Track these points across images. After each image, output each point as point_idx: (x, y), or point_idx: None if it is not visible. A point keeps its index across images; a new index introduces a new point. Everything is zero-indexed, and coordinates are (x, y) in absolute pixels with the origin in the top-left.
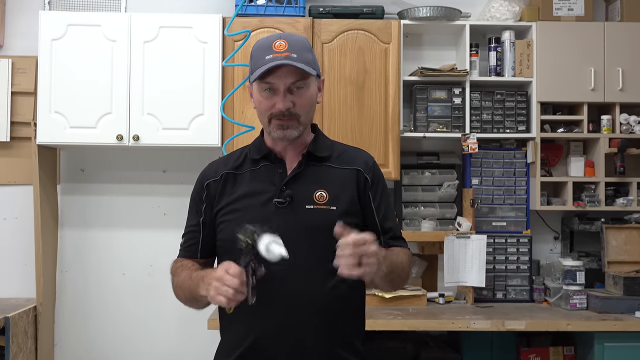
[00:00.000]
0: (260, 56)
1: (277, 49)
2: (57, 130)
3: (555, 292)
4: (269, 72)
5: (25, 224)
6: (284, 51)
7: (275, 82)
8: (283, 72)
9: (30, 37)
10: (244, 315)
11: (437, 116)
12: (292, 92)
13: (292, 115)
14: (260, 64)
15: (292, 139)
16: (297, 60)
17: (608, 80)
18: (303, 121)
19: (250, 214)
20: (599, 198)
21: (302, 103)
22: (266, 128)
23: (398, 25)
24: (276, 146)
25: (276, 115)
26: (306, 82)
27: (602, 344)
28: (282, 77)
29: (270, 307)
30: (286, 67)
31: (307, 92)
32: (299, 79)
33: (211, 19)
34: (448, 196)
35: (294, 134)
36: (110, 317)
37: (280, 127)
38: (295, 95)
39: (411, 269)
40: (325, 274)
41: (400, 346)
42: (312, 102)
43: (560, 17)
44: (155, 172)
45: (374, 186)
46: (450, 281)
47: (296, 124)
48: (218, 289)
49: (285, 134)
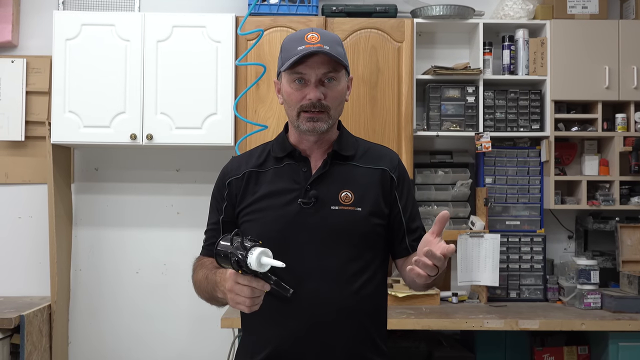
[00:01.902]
0: (292, 47)
1: (310, 41)
2: (71, 129)
3: (569, 291)
4: (301, 62)
5: (39, 222)
6: (317, 42)
7: (307, 72)
8: (315, 62)
9: (44, 37)
10: (268, 317)
11: (451, 115)
12: (323, 84)
13: (323, 107)
14: (292, 54)
15: (321, 132)
16: (331, 51)
17: (623, 78)
18: (333, 115)
19: (274, 214)
20: (614, 197)
21: (333, 96)
22: (294, 122)
23: (411, 24)
24: (300, 144)
25: (306, 107)
26: (338, 75)
27: (617, 343)
28: (314, 67)
29: (295, 308)
30: (319, 57)
31: (339, 86)
32: (330, 70)
33: (224, 18)
34: (461, 195)
35: (323, 127)
36: (123, 315)
37: (310, 120)
38: (327, 87)
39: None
40: (350, 275)
41: (414, 345)
42: (342, 97)
43: (575, 15)
44: (168, 171)
45: (400, 185)
46: (463, 280)
47: (326, 117)
48: (233, 300)
49: (315, 127)
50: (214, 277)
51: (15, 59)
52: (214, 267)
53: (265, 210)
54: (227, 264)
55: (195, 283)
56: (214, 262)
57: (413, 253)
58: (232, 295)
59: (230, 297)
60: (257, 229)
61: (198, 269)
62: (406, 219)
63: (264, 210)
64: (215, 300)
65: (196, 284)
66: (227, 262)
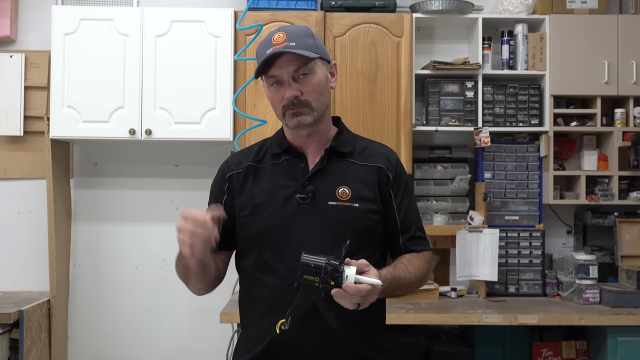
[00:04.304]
0: (262, 52)
1: (276, 42)
2: (70, 124)
3: (568, 286)
4: (270, 65)
5: (38, 218)
6: (282, 42)
7: (278, 73)
8: (283, 61)
9: (43, 31)
10: (265, 311)
11: (450, 110)
12: (297, 80)
13: (302, 102)
14: (261, 59)
15: (308, 125)
16: (296, 47)
17: (622, 73)
18: (316, 106)
19: (272, 209)
20: (612, 192)
21: (309, 89)
22: (283, 121)
23: (410, 19)
24: (295, 140)
25: (287, 105)
26: (309, 68)
27: (615, 338)
28: (283, 67)
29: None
30: (286, 56)
31: (314, 78)
32: (300, 65)
33: (223, 13)
34: (460, 190)
35: (308, 119)
36: (122, 310)
37: (294, 115)
38: (301, 82)
39: (427, 273)
40: None
41: (413, 340)
42: (321, 87)
43: (574, 9)
44: (167, 166)
45: (396, 184)
46: (462, 275)
47: (308, 110)
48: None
49: (300, 121)
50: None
51: (14, 53)
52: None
53: (264, 205)
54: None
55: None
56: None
57: (406, 253)
58: (180, 235)
59: (179, 237)
60: (255, 224)
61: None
62: (400, 219)
63: (262, 205)
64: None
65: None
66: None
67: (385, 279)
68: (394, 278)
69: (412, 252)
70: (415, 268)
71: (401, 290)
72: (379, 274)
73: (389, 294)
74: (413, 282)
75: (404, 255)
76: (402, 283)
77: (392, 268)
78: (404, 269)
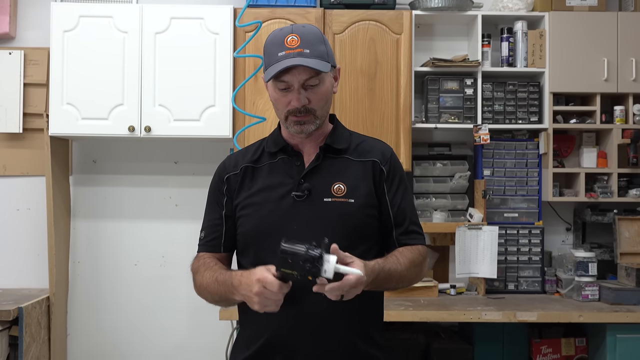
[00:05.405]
0: (274, 52)
1: (290, 45)
2: (69, 121)
3: (567, 283)
4: (283, 71)
5: (38, 215)
6: (297, 47)
7: (289, 79)
8: (297, 69)
9: (42, 28)
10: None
11: (449, 107)
12: (306, 88)
13: (308, 111)
14: (273, 60)
15: (310, 133)
16: (310, 55)
17: (621, 70)
18: (319, 115)
19: (268, 208)
20: (612, 189)
21: (317, 99)
22: (283, 123)
23: (410, 16)
24: (292, 139)
25: (292, 112)
26: (320, 78)
27: (614, 335)
28: (295, 75)
29: (288, 299)
30: (300, 65)
31: (322, 87)
32: (312, 75)
33: (222, 10)
34: (460, 187)
35: (311, 128)
36: (122, 307)
37: (298, 123)
38: (310, 91)
39: (422, 267)
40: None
41: (412, 337)
42: (327, 96)
43: (573, 7)
44: (166, 164)
45: (390, 178)
46: (461, 272)
47: (313, 119)
48: (260, 303)
49: (302, 129)
50: (229, 279)
51: (13, 50)
52: (220, 268)
53: (261, 204)
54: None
55: (202, 285)
56: (216, 262)
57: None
58: (259, 299)
59: (258, 300)
60: (252, 222)
61: (203, 270)
62: (394, 212)
63: (259, 204)
64: (227, 302)
65: (203, 286)
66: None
67: (372, 270)
68: (382, 270)
69: (406, 246)
70: (406, 260)
71: (392, 282)
72: (364, 265)
73: (379, 286)
74: (405, 275)
75: (397, 248)
76: (393, 275)
77: (382, 260)
78: (395, 261)
